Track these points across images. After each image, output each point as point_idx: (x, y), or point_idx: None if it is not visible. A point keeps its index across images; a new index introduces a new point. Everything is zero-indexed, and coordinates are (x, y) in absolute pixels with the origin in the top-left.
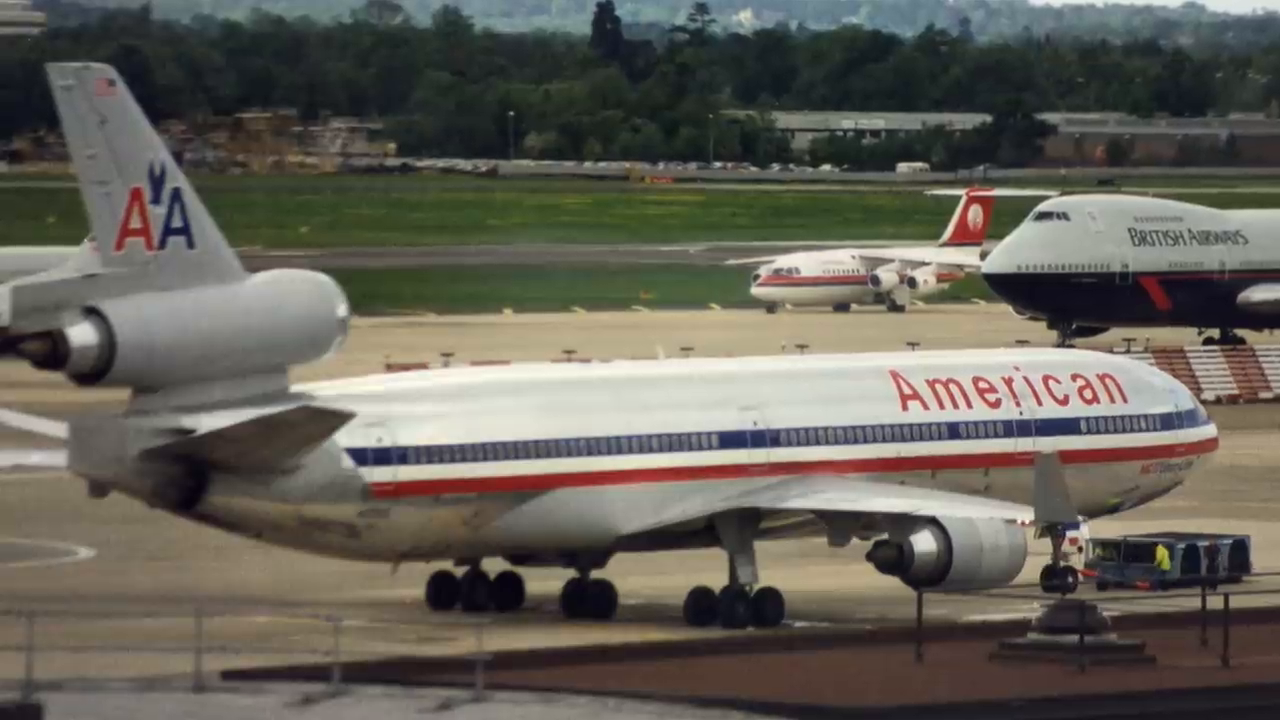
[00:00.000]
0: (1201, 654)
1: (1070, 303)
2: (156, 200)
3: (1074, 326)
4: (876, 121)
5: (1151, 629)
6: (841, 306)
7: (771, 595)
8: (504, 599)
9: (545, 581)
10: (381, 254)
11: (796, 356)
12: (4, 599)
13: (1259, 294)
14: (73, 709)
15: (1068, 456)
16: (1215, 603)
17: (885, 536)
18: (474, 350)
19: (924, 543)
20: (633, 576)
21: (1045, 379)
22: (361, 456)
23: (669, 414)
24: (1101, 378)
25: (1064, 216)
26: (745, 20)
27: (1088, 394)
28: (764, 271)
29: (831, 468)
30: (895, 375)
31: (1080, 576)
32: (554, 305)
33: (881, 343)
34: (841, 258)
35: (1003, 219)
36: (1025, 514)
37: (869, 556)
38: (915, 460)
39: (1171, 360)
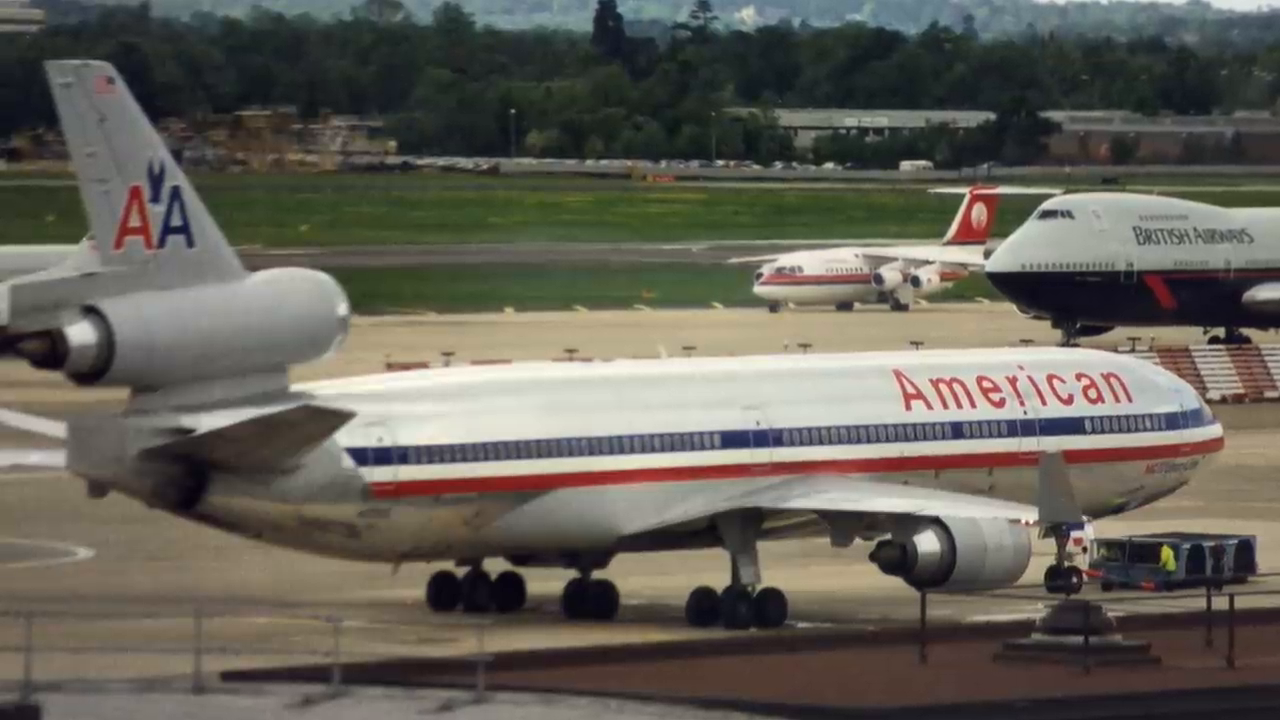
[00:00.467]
0: (1206, 655)
1: (1075, 302)
2: (156, 199)
3: (1078, 325)
4: (880, 119)
5: (1156, 630)
6: (845, 305)
7: (774, 596)
8: (505, 599)
9: (546, 582)
10: (382, 253)
11: (799, 356)
12: (3, 599)
13: (1264, 293)
14: (72, 710)
15: (1072, 456)
16: (1220, 603)
17: (888, 537)
18: (475, 349)
19: (927, 543)
20: (634, 577)
21: (1050, 378)
22: (362, 456)
23: (671, 414)
24: (1106, 377)
25: (1068, 215)
26: (748, 17)
27: (1092, 393)
28: (767, 270)
29: (834, 467)
30: (899, 374)
31: (1085, 577)
32: (555, 304)
33: (885, 342)
34: (845, 256)
35: (1007, 217)
36: (1029, 514)
37: (872, 557)
38: (919, 460)
39: (1176, 359)
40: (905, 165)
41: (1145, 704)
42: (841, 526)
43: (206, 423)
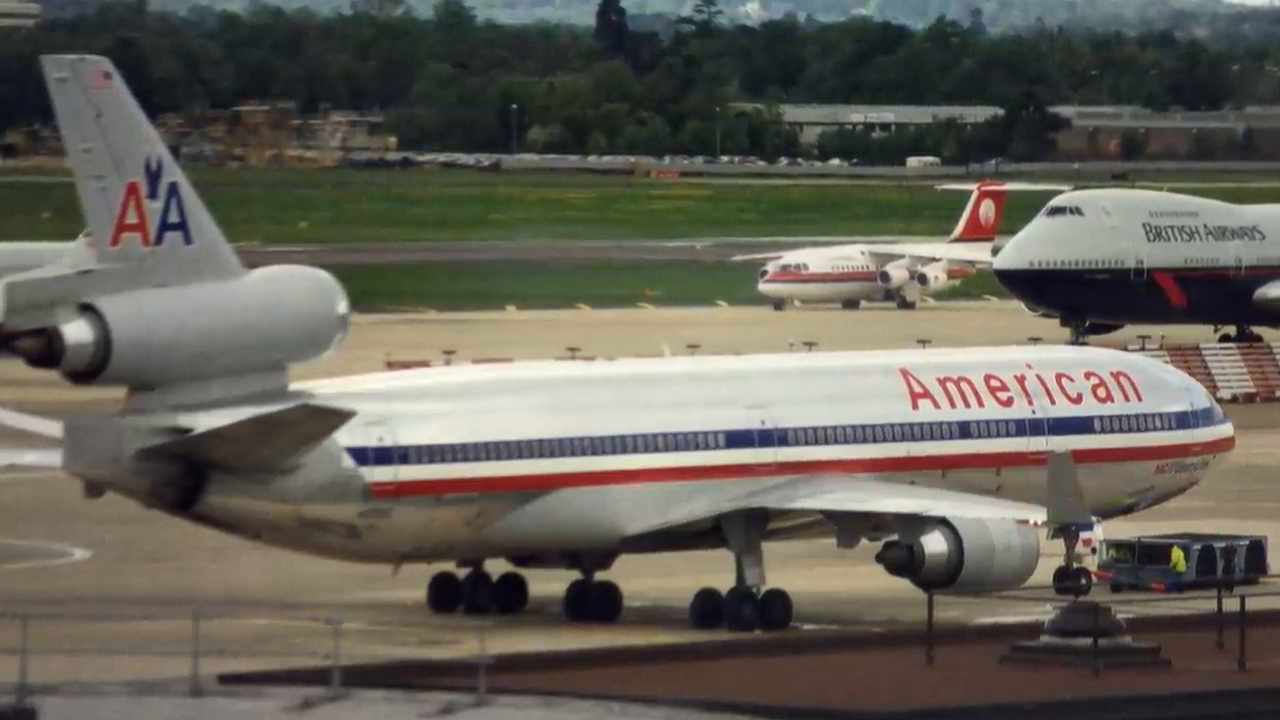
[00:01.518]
0: (1217, 657)
1: (1084, 299)
2: (153, 195)
3: (1087, 324)
4: (886, 115)
5: (1166, 632)
6: (850, 303)
7: (779, 597)
8: (507, 601)
9: (548, 583)
10: (382, 250)
11: (805, 354)
12: None
13: (1275, 290)
14: (68, 713)
15: (1081, 456)
16: (1231, 605)
17: (895, 537)
18: (476, 348)
19: (934, 544)
20: (638, 578)
21: (1058, 377)
22: (362, 456)
23: (674, 413)
24: (1115, 376)
25: (1077, 212)
26: (752, 12)
27: (1101, 392)
28: (772, 268)
29: (840, 467)
30: (905, 373)
31: (1094, 578)
32: (557, 302)
33: (891, 340)
34: (850, 254)
35: (1015, 214)
36: (1038, 514)
37: (879, 558)
38: (926, 460)
39: (1187, 358)
40: (912, 161)
41: (1155, 707)
42: (847, 527)
43: (204, 422)
